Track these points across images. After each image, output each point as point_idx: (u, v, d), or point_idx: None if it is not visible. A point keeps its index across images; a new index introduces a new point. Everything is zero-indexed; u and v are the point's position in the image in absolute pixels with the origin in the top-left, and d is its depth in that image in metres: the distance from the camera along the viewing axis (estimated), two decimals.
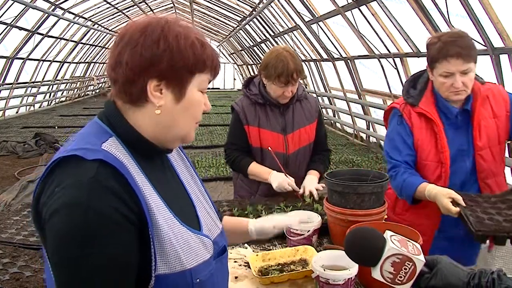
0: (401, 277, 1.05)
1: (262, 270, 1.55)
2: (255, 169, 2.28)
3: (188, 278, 0.91)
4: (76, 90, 18.53)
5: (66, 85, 16.89)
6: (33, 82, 13.14)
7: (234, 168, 2.43)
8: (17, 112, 13.03)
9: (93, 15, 14.67)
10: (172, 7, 20.25)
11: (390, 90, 7.00)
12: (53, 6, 11.20)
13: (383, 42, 6.44)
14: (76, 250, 0.79)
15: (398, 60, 6.44)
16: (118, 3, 14.99)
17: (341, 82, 9.13)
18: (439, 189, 1.78)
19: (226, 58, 26.73)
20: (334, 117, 10.80)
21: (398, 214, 2.03)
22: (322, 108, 10.53)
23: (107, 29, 17.45)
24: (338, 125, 10.72)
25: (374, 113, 8.31)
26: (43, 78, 13.74)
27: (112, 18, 16.82)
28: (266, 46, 14.74)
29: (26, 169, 6.59)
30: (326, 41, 8.66)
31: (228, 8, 14.98)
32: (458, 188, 1.83)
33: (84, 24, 14.00)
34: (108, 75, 0.95)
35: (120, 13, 16.44)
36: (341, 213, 1.71)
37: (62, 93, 16.78)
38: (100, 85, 22.06)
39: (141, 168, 0.92)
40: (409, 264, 1.04)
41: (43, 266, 3.43)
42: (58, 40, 13.23)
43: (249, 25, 14.38)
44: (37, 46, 11.72)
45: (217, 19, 18.52)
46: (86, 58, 18.00)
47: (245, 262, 1.63)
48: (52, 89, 15.30)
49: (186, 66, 0.92)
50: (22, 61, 11.77)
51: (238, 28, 16.22)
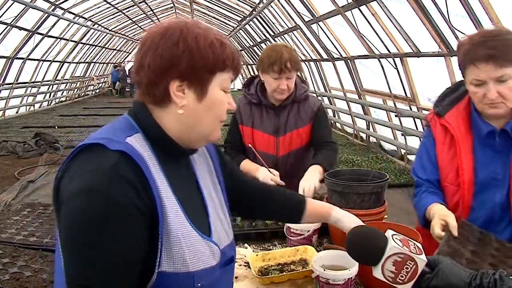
0: (402, 276, 1.04)
1: (262, 270, 1.55)
2: (246, 166, 2.29)
3: (190, 280, 0.92)
4: (76, 90, 18.54)
5: (66, 85, 16.90)
6: (33, 82, 13.14)
7: None
8: (17, 112, 13.03)
9: (93, 15, 14.68)
10: (172, 7, 20.24)
11: (390, 90, 7.00)
12: (53, 6, 11.20)
13: (383, 42, 6.44)
14: (88, 234, 0.81)
15: (398, 60, 6.43)
16: (118, 3, 14.99)
17: (341, 82, 9.13)
18: (441, 209, 1.53)
19: None
20: (334, 117, 10.79)
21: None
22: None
23: (107, 29, 17.45)
24: (338, 125, 10.72)
25: (374, 113, 8.31)
26: (43, 78, 13.74)
27: (112, 18, 16.82)
28: (266, 46, 14.72)
29: (26, 169, 6.59)
30: (326, 41, 8.66)
31: (228, 8, 14.98)
32: (482, 224, 1.52)
33: (84, 24, 14.00)
34: (132, 79, 0.98)
35: (120, 13, 16.44)
36: None
37: (62, 93, 16.79)
38: (100, 85, 22.06)
39: (161, 166, 0.93)
40: (410, 263, 1.04)
41: (43, 266, 3.41)
42: (58, 40, 13.23)
43: (249, 25, 14.38)
44: (37, 46, 11.72)
45: (217, 19, 18.51)
46: (86, 58, 18.00)
47: (245, 262, 1.63)
48: (52, 89, 15.30)
49: (206, 66, 0.94)
50: (22, 61, 11.77)
51: (238, 28, 16.22)
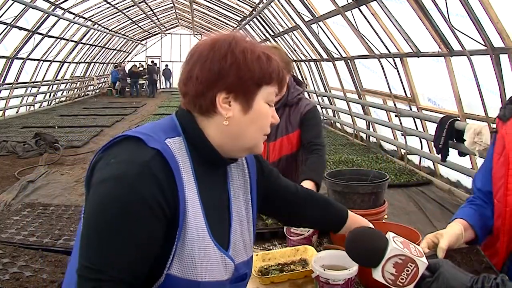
0: (402, 279, 1.03)
1: (262, 270, 1.55)
2: None
3: None
4: (76, 90, 18.53)
5: (66, 85, 16.89)
6: (33, 82, 13.13)
7: None
8: (17, 112, 13.02)
9: (93, 15, 14.68)
10: (172, 7, 20.24)
11: (390, 90, 7.00)
12: (53, 6, 11.21)
13: (383, 42, 6.44)
14: (109, 219, 0.84)
15: (398, 60, 6.43)
16: (118, 3, 14.99)
17: (341, 82, 9.13)
18: (450, 227, 1.33)
19: None
20: (334, 117, 10.80)
21: None
22: (322, 108, 10.53)
23: (107, 29, 17.45)
24: (338, 125, 10.73)
25: (374, 113, 8.32)
26: (43, 78, 13.74)
27: (112, 18, 16.82)
28: None
29: (26, 169, 6.58)
30: (326, 41, 8.66)
31: (228, 8, 14.98)
32: None
33: (84, 24, 14.01)
34: (179, 89, 1.01)
35: (120, 13, 16.45)
36: None
37: (62, 93, 16.78)
38: (100, 85, 22.06)
39: (195, 171, 0.95)
40: (411, 265, 1.02)
41: (43, 266, 3.41)
42: (58, 40, 13.23)
43: (249, 25, 14.38)
44: (37, 46, 11.72)
45: (217, 19, 18.51)
46: (86, 58, 18.00)
47: None
48: (52, 89, 15.29)
49: (253, 79, 0.96)
50: (22, 61, 11.76)
51: (238, 28, 16.21)
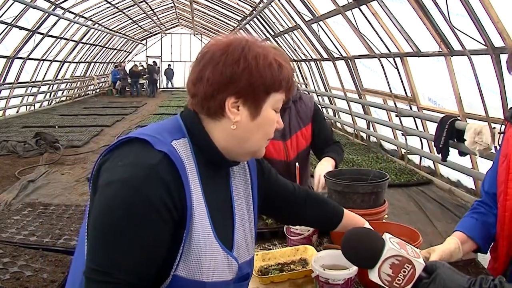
0: (399, 280, 1.02)
1: (262, 269, 1.55)
2: None
3: None
4: (76, 89, 18.53)
5: (67, 84, 16.88)
6: (33, 82, 13.13)
7: None
8: (17, 111, 13.01)
9: (93, 15, 14.67)
10: (172, 7, 20.23)
11: (391, 90, 6.99)
12: (53, 6, 11.20)
13: (384, 42, 6.43)
14: (115, 221, 0.84)
15: (398, 59, 6.43)
16: (118, 3, 14.98)
17: (341, 82, 9.12)
18: (446, 242, 1.31)
19: None
20: (335, 116, 10.79)
21: None
22: (322, 107, 10.53)
23: (108, 28, 17.43)
24: (338, 124, 10.72)
25: (374, 112, 8.31)
26: (44, 78, 13.73)
27: (112, 18, 16.81)
28: None
29: (26, 168, 6.58)
30: (327, 40, 8.66)
31: (228, 7, 14.97)
32: None
33: (84, 23, 14.00)
34: (187, 90, 1.00)
35: (120, 12, 16.44)
36: None
37: (63, 92, 16.77)
38: (100, 84, 22.05)
39: (200, 173, 0.95)
40: (408, 266, 1.02)
41: (44, 265, 3.40)
42: (59, 39, 13.22)
43: (249, 24, 14.36)
44: (37, 45, 11.71)
45: (217, 19, 18.50)
46: (87, 58, 17.99)
47: None
48: (52, 88, 15.28)
49: (263, 85, 0.96)
50: (22, 60, 11.76)
51: (238, 27, 16.20)
